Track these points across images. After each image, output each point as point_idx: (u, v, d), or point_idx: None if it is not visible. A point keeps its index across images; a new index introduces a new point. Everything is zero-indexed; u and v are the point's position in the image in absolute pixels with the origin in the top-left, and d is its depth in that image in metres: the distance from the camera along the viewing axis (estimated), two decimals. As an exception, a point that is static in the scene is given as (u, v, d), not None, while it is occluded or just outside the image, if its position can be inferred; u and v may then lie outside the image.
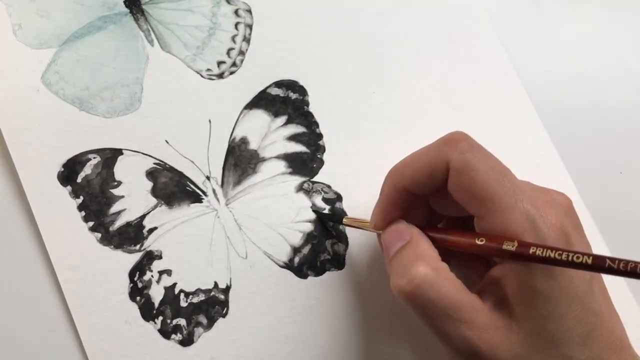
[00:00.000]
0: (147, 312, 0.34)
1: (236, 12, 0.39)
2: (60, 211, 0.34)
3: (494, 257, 0.29)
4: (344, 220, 0.35)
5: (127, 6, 0.38)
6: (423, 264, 0.27)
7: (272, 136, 0.37)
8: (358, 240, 0.36)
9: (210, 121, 0.37)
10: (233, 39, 0.38)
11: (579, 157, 0.39)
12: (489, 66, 0.40)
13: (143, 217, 0.35)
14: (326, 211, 0.36)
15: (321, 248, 0.36)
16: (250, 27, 0.39)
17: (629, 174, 0.40)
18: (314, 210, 0.36)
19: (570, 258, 0.24)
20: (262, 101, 0.38)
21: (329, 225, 0.36)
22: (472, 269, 0.31)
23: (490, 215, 0.27)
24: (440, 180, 0.28)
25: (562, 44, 0.42)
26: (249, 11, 0.39)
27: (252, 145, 0.37)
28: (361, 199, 0.37)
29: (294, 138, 0.38)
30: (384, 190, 0.31)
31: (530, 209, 0.26)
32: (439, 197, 0.30)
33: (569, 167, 0.38)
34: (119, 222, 0.35)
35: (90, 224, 0.35)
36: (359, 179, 0.37)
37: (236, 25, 0.39)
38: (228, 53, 0.38)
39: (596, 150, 0.40)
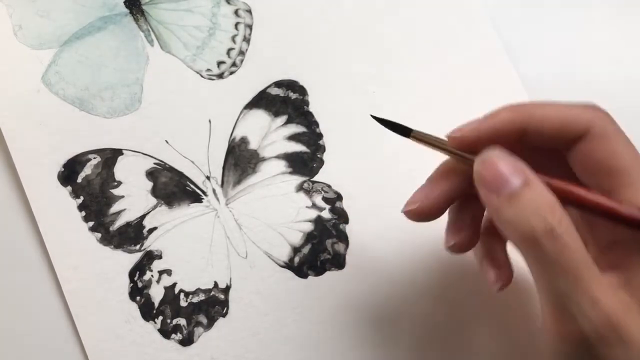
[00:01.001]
0: (147, 311, 0.34)
1: (236, 12, 0.39)
2: (60, 211, 0.34)
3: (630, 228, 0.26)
4: (412, 134, 0.29)
5: (127, 6, 0.38)
6: (561, 212, 0.24)
7: (272, 136, 0.37)
8: (359, 240, 0.36)
9: (210, 121, 0.37)
10: (233, 39, 0.38)
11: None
12: (490, 66, 0.40)
13: (143, 217, 0.35)
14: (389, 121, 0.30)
15: (321, 248, 0.36)
16: (250, 27, 0.39)
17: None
18: (375, 118, 0.30)
19: None
20: (262, 101, 0.38)
21: (330, 224, 0.36)
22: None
23: (621, 188, 0.26)
24: (568, 139, 0.27)
25: (562, 44, 0.42)
26: (249, 11, 0.39)
27: (252, 145, 0.37)
28: (361, 199, 0.37)
29: (294, 138, 0.38)
30: (496, 115, 0.27)
31: None
32: (544, 160, 0.28)
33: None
34: (119, 222, 0.35)
35: (91, 224, 0.35)
36: (359, 178, 0.37)
37: (236, 25, 0.39)
38: (228, 53, 0.38)
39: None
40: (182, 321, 0.34)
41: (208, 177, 0.36)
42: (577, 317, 0.24)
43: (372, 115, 0.29)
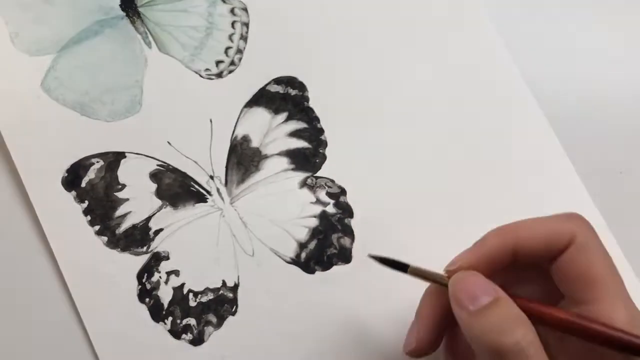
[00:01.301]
0: (157, 313, 0.34)
1: (232, 10, 0.39)
2: (65, 216, 0.34)
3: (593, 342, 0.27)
4: (409, 269, 0.30)
5: (123, 9, 0.38)
6: (527, 327, 0.26)
7: (273, 133, 0.37)
8: (364, 234, 0.36)
9: (211, 121, 0.37)
10: (230, 37, 0.38)
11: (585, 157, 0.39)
12: (489, 62, 0.40)
13: (149, 219, 0.35)
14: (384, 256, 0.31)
15: (327, 242, 0.36)
16: (247, 25, 0.39)
17: (629, 174, 0.40)
18: (373, 257, 0.30)
19: None
20: (262, 99, 0.38)
21: (335, 219, 0.36)
22: None
23: (597, 301, 0.27)
24: (554, 253, 0.28)
25: (563, 43, 0.41)
26: (245, 9, 0.39)
27: (254, 143, 0.37)
28: (365, 192, 0.37)
29: (295, 134, 0.38)
30: (485, 243, 0.29)
31: (632, 304, 0.27)
32: (529, 274, 0.30)
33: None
34: (125, 225, 0.35)
35: (96, 227, 0.35)
36: (362, 172, 0.37)
37: (233, 24, 0.39)
38: (226, 52, 0.38)
39: (598, 150, 0.40)
40: (192, 321, 0.34)
41: (212, 177, 0.36)
42: None
43: (370, 255, 0.30)
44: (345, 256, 0.36)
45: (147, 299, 0.34)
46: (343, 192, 0.37)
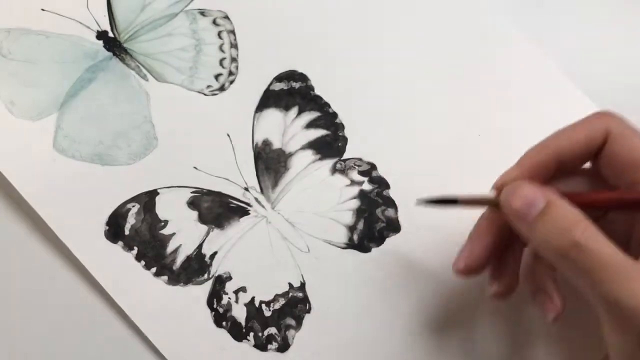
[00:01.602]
0: (238, 332, 0.35)
1: (214, 21, 0.38)
2: (120, 268, 0.34)
3: None
4: (459, 200, 0.30)
5: (108, 50, 0.37)
6: (584, 223, 0.26)
7: (290, 130, 0.38)
8: (405, 201, 0.37)
9: (228, 135, 0.37)
10: (221, 48, 0.38)
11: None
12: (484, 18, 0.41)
13: (200, 246, 0.35)
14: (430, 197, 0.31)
15: (374, 218, 0.37)
16: (232, 32, 0.38)
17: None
18: (422, 202, 0.31)
19: None
20: (269, 100, 0.38)
21: (374, 194, 0.37)
22: None
23: None
24: (594, 150, 0.29)
25: (562, 43, 0.42)
26: (226, 17, 0.39)
27: (276, 145, 0.37)
28: (394, 161, 0.38)
29: (311, 125, 0.38)
30: (526, 159, 0.30)
31: None
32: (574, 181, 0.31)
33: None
34: (180, 259, 0.35)
35: (153, 270, 0.35)
36: (385, 142, 0.38)
37: (219, 34, 0.38)
38: (221, 64, 0.38)
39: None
40: (272, 330, 0.35)
41: (246, 189, 0.37)
42: (626, 313, 0.25)
43: (418, 201, 0.31)
44: (394, 226, 0.37)
45: (224, 322, 0.35)
46: (373, 167, 0.38)
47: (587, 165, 0.31)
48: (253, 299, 0.35)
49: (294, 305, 0.35)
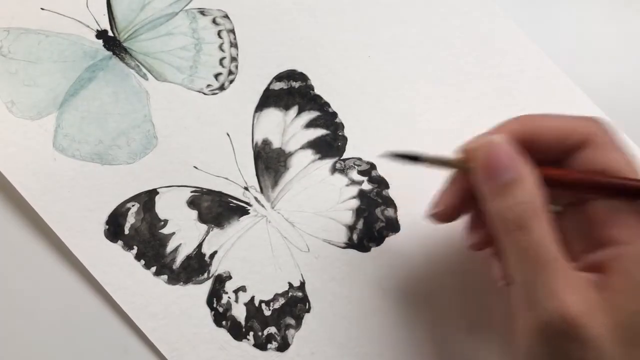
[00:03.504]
0: (237, 332, 0.35)
1: (214, 20, 0.38)
2: (120, 267, 0.34)
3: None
4: (423, 157, 0.30)
5: (108, 49, 0.37)
6: (541, 210, 0.26)
7: (290, 129, 0.38)
8: (404, 201, 0.37)
9: (228, 134, 0.37)
10: (221, 47, 0.38)
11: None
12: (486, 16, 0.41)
13: (200, 245, 0.35)
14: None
15: (373, 218, 0.37)
16: (232, 31, 0.38)
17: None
18: (391, 156, 0.30)
19: None
20: (269, 99, 0.38)
21: (374, 194, 0.37)
22: None
23: None
24: (567, 148, 0.29)
25: (562, 43, 0.42)
26: (226, 16, 0.39)
27: (276, 144, 0.37)
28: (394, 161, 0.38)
29: (311, 124, 0.38)
30: (504, 126, 0.29)
31: None
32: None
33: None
34: (180, 258, 0.35)
35: (153, 269, 0.35)
36: (384, 142, 0.38)
37: (219, 33, 0.38)
38: (221, 63, 0.38)
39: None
40: (272, 329, 0.35)
41: (246, 188, 0.37)
42: (536, 306, 0.25)
43: (381, 155, 0.31)
44: (393, 226, 0.37)
45: (224, 322, 0.35)
46: (373, 166, 0.38)
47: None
48: (253, 298, 0.35)
49: (294, 305, 0.35)
